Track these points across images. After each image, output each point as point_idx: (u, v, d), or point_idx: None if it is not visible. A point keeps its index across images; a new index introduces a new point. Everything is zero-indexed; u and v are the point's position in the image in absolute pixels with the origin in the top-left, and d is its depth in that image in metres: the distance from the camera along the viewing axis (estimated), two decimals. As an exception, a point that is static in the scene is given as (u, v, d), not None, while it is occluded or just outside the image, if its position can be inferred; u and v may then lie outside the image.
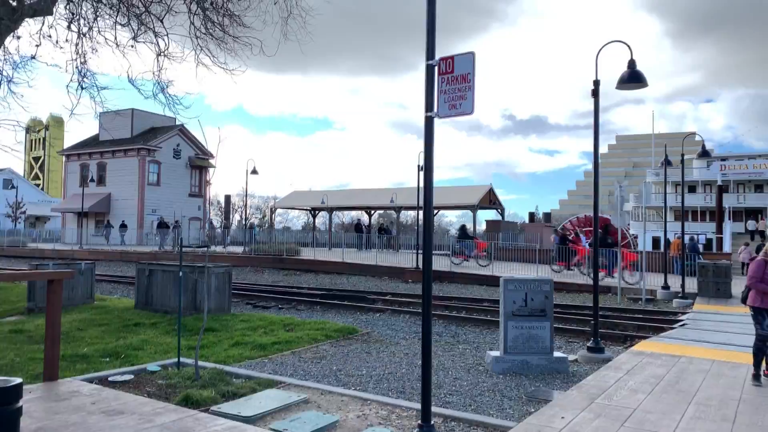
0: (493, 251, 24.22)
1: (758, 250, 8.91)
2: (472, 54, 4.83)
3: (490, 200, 39.91)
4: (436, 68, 4.90)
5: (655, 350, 8.70)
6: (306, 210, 50.32)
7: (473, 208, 38.87)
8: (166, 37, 12.05)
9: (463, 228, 28.88)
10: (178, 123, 46.11)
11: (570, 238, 25.92)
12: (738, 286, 17.48)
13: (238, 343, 9.54)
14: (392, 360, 8.83)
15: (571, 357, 8.82)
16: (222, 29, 12.26)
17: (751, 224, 47.10)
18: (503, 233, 34.13)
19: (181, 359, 7.18)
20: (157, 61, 12.01)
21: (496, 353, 8.18)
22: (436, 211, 48.36)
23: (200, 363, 6.86)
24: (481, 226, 42.75)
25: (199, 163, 50.46)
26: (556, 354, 8.21)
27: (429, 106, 4.81)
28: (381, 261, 25.74)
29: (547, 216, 59.29)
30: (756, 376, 6.76)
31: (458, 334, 11.53)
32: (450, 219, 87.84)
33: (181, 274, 7.57)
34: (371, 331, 11.53)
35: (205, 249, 8.94)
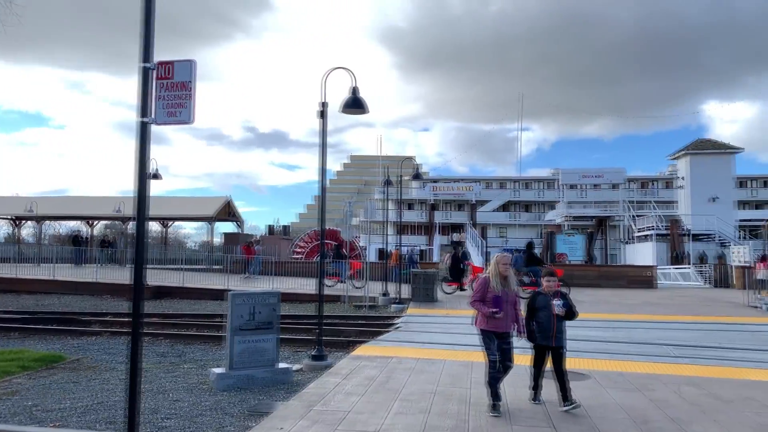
0: (272, 266, 23.92)
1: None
2: (192, 62, 4.68)
3: (229, 212, 39.25)
4: (154, 72, 4.63)
5: (371, 353, 9.48)
6: (7, 219, 42.80)
7: (210, 220, 37.75)
8: None
9: (338, 247, 26.18)
10: None
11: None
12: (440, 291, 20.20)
13: None
14: (105, 388, 7.98)
15: (297, 367, 9.08)
16: None
17: (455, 236, 55.34)
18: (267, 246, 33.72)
19: None
20: None
21: (220, 370, 7.98)
22: (170, 223, 45.65)
23: None
24: (220, 239, 41.74)
25: None
26: (281, 365, 8.37)
27: (144, 111, 4.52)
28: (102, 277, 23.22)
29: (286, 229, 60.59)
30: (494, 407, 6.03)
31: (185, 353, 10.98)
32: (187, 231, 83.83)
33: None
34: (82, 358, 10.29)
35: None
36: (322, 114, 9.50)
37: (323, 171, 9.54)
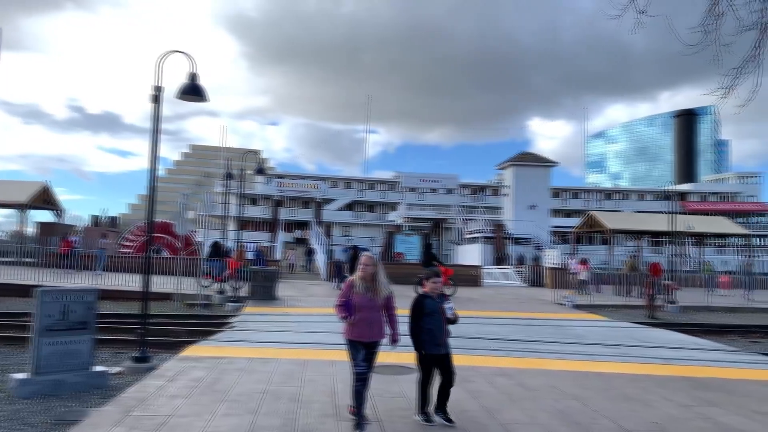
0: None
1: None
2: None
3: (46, 199, 35.19)
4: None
5: (201, 354, 9.07)
6: None
7: (23, 207, 33.55)
8: None
9: (215, 245, 23.28)
10: None
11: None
12: (282, 289, 19.93)
13: None
14: None
15: (116, 369, 8.39)
16: None
17: (298, 233, 55.34)
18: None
19: None
20: None
21: (22, 375, 7.10)
22: (-30, 209, 39.72)
23: None
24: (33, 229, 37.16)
25: None
26: (98, 368, 7.67)
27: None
28: None
29: (114, 220, 55.87)
30: (359, 425, 5.45)
31: (-20, 358, 9.61)
32: (-6, 219, 73.84)
33: None
34: None
35: None
36: (156, 99, 8.88)
37: (154, 159, 8.92)
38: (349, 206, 69.52)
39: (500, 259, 38.79)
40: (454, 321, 5.89)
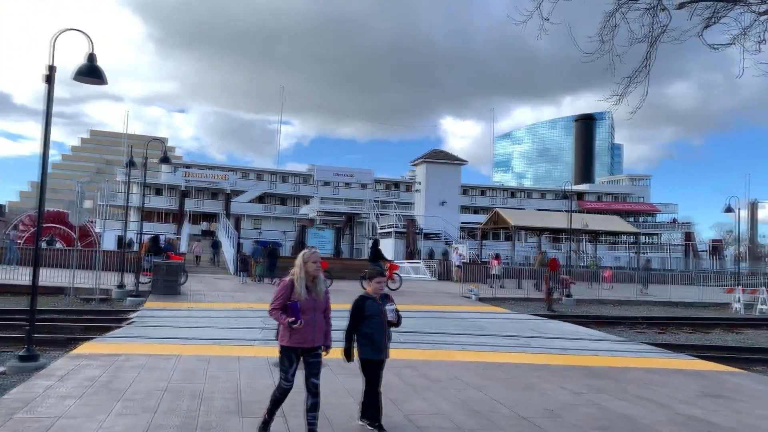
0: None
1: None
2: None
3: None
4: None
5: (96, 351, 8.56)
6: None
7: None
8: None
9: (154, 240, 21.32)
10: None
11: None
12: (186, 283, 19.21)
13: None
14: None
15: (-1, 369, 7.76)
16: None
17: (205, 225, 53.71)
18: None
19: None
20: None
21: None
22: None
23: None
24: None
25: None
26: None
27: None
28: None
29: (1, 209, 51.61)
30: (265, 424, 5.08)
31: None
32: None
33: None
34: None
35: None
36: (49, 79, 8.26)
37: (46, 143, 8.29)
38: (260, 198, 68.15)
39: (412, 254, 39.53)
40: (396, 323, 5.44)
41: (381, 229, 44.77)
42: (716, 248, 58.12)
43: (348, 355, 5.33)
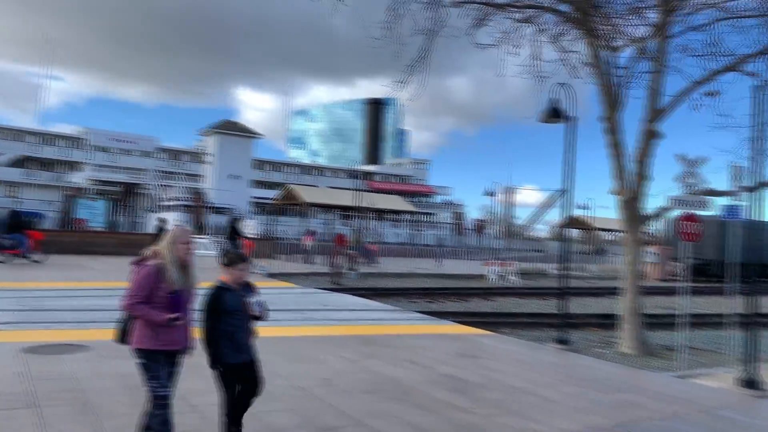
0: None
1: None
2: None
3: None
4: None
5: None
6: None
7: None
8: None
9: (14, 215, 20.63)
10: None
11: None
12: None
13: None
14: None
15: None
16: None
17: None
18: None
19: None
20: None
21: None
22: None
23: None
24: None
25: None
26: None
27: None
28: None
29: None
30: None
31: None
32: None
33: None
34: None
35: None
36: None
37: None
38: (20, 162, 59.11)
39: (199, 229, 37.84)
40: (263, 318, 4.51)
41: (165, 201, 42.04)
42: (480, 227, 65.78)
43: (215, 360, 4.32)
